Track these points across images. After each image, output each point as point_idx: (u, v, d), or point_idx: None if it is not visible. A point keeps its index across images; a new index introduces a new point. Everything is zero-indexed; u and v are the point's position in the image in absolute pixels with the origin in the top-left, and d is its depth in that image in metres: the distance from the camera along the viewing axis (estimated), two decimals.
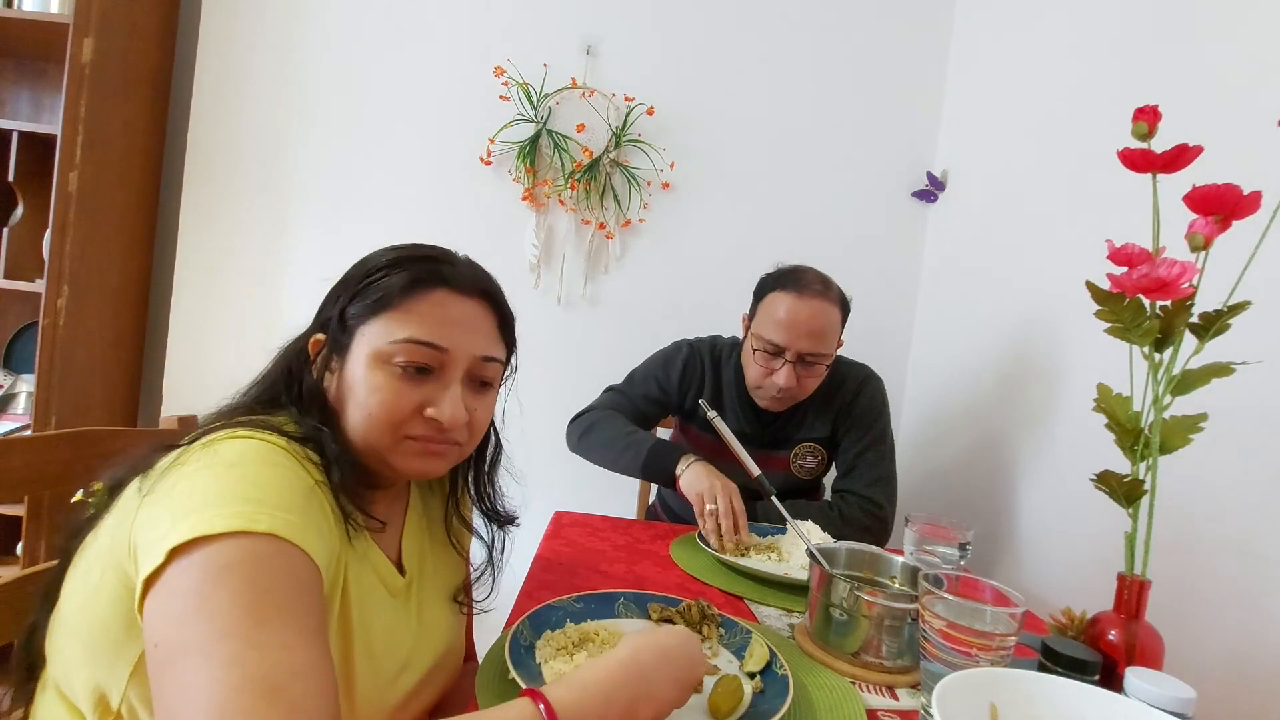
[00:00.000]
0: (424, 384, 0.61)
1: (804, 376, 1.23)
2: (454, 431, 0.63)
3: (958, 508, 1.53)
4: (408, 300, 0.61)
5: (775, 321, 1.22)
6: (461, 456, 0.68)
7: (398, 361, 0.60)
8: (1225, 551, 0.88)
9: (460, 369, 0.63)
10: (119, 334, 1.78)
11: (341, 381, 0.62)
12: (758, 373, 1.25)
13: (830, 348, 1.24)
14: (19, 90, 1.80)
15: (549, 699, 0.47)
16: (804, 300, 1.21)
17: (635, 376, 1.41)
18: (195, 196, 1.83)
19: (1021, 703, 0.54)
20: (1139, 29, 1.16)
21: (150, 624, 0.44)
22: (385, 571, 0.64)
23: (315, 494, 0.53)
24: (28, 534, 1.48)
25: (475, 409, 0.65)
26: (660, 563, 1.06)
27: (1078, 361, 1.21)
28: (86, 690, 0.50)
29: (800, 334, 1.20)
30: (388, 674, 0.62)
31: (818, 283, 1.24)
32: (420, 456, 0.62)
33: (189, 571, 0.43)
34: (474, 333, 0.64)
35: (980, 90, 1.73)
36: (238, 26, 1.82)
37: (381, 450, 0.61)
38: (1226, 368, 0.67)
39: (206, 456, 0.50)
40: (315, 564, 0.48)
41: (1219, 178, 0.66)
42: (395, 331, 0.60)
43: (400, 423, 0.60)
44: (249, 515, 0.45)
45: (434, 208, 1.85)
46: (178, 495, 0.48)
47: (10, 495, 0.73)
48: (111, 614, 0.48)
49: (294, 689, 0.40)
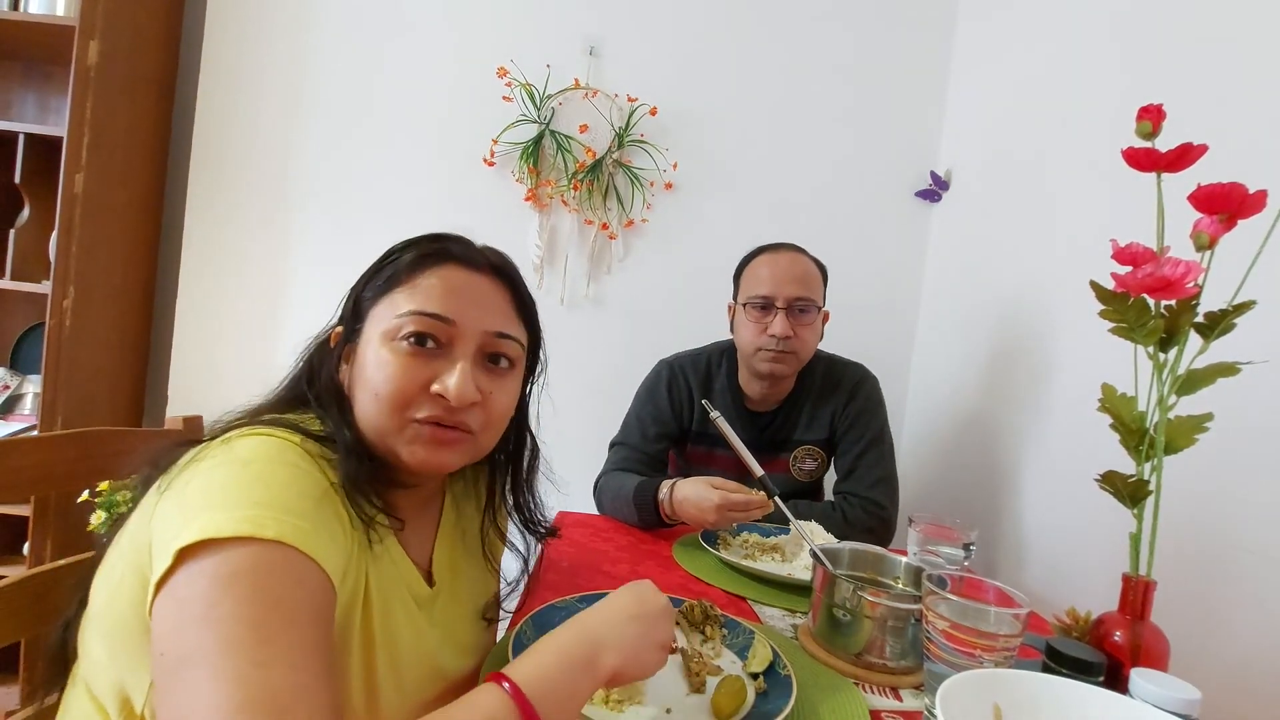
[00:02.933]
0: (433, 361, 0.58)
1: (798, 326, 1.25)
2: (463, 412, 0.59)
3: (962, 508, 1.53)
4: (415, 276, 0.60)
5: (759, 278, 1.27)
6: (478, 450, 0.63)
7: (404, 335, 0.58)
8: (1231, 552, 0.88)
9: (470, 344, 0.60)
10: (124, 335, 1.79)
11: (354, 368, 0.61)
12: (752, 331, 1.27)
13: (817, 295, 1.29)
14: (25, 92, 1.81)
15: (510, 676, 0.48)
16: (782, 253, 1.29)
17: (629, 422, 1.40)
18: (199, 198, 1.84)
19: (1025, 704, 0.54)
20: (1143, 27, 1.16)
21: (157, 629, 0.43)
22: (412, 579, 0.62)
23: (330, 497, 0.51)
24: (34, 534, 1.49)
25: (490, 391, 0.61)
26: (663, 563, 1.06)
27: (1082, 361, 1.21)
28: (112, 691, 0.50)
29: (785, 280, 1.25)
30: (414, 683, 0.60)
31: (791, 245, 1.33)
32: (428, 445, 0.58)
33: (196, 579, 0.43)
34: (484, 307, 0.62)
35: (984, 89, 1.72)
36: (242, 28, 1.82)
37: (389, 436, 0.58)
38: (1232, 367, 0.67)
39: (222, 453, 0.50)
40: (325, 573, 0.47)
41: (1224, 177, 0.66)
42: (401, 306, 0.59)
43: (406, 402, 0.57)
44: (257, 520, 0.44)
45: (437, 208, 1.85)
46: (190, 493, 0.47)
47: (17, 495, 0.73)
48: (133, 614, 0.48)
49: (299, 708, 0.40)
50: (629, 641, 0.53)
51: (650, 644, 0.55)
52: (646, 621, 0.56)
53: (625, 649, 0.53)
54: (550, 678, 0.49)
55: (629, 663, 0.53)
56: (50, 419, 1.57)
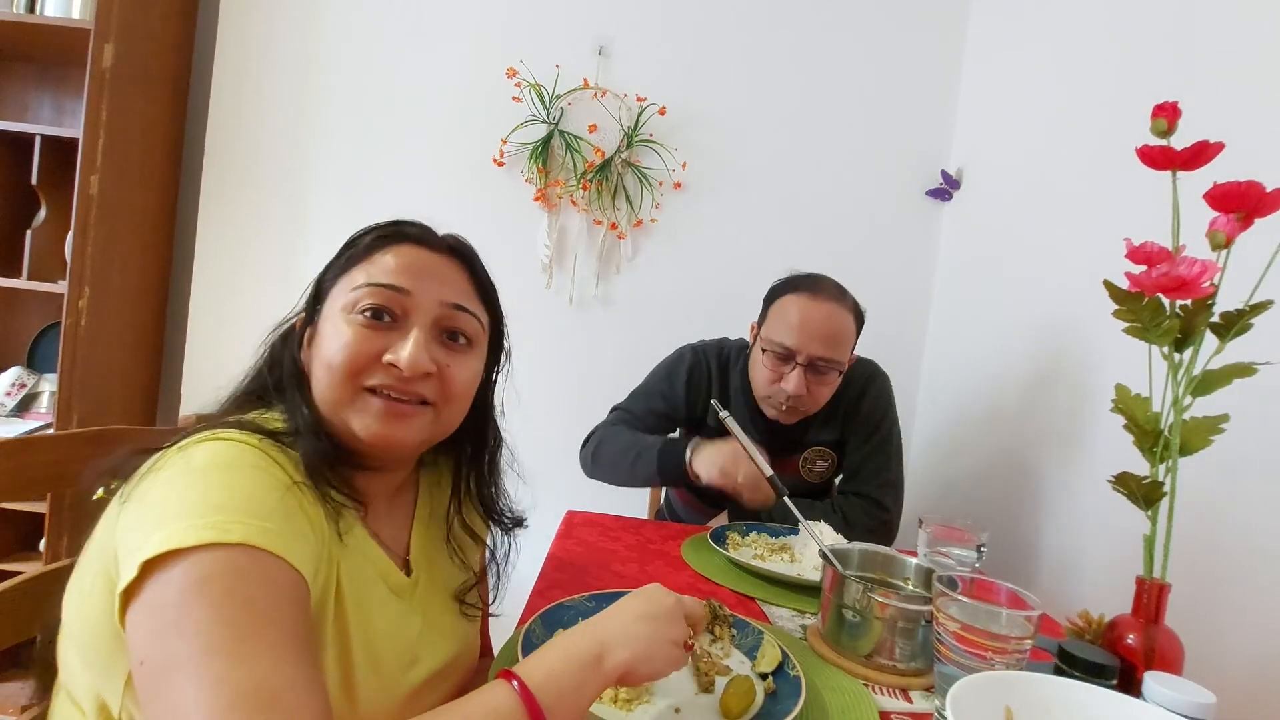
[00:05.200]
0: (388, 333, 0.58)
1: (814, 384, 1.18)
2: (417, 383, 0.58)
3: (973, 509, 1.52)
4: (373, 254, 0.61)
5: (787, 324, 1.17)
6: (438, 426, 0.62)
7: (360, 309, 0.58)
8: (1246, 555, 0.87)
9: (426, 316, 0.60)
10: (139, 334, 1.81)
11: (311, 351, 0.61)
12: (766, 378, 1.21)
13: (843, 356, 1.20)
14: (41, 95, 1.83)
15: (519, 674, 0.49)
16: (818, 302, 1.17)
17: (639, 392, 1.38)
18: (213, 198, 1.86)
19: (1037, 707, 0.54)
20: (1157, 23, 1.14)
21: (133, 640, 0.43)
22: (385, 569, 0.62)
23: (292, 494, 0.51)
24: (50, 531, 1.51)
25: (448, 365, 0.61)
26: (672, 563, 1.06)
27: (1095, 361, 1.20)
28: (89, 698, 0.50)
29: (813, 337, 1.15)
30: (392, 673, 0.60)
31: (833, 288, 1.21)
32: (380, 417, 0.57)
33: (165, 587, 0.42)
34: (441, 281, 0.62)
35: (995, 86, 1.71)
36: (254, 31, 1.84)
37: (341, 408, 0.57)
38: (1248, 368, 0.66)
39: (180, 462, 0.49)
40: (295, 569, 0.47)
41: (1240, 175, 0.65)
42: (357, 280, 0.59)
43: (357, 370, 0.57)
44: (220, 525, 0.44)
45: (447, 208, 1.84)
46: (150, 504, 0.47)
47: (34, 492, 0.74)
48: (103, 622, 0.47)
49: (285, 702, 0.40)
50: (637, 640, 0.54)
51: (660, 641, 0.55)
52: (654, 620, 0.56)
53: (634, 647, 0.53)
54: (557, 675, 0.50)
55: (639, 660, 0.53)
56: (66, 417, 1.59)
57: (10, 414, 1.70)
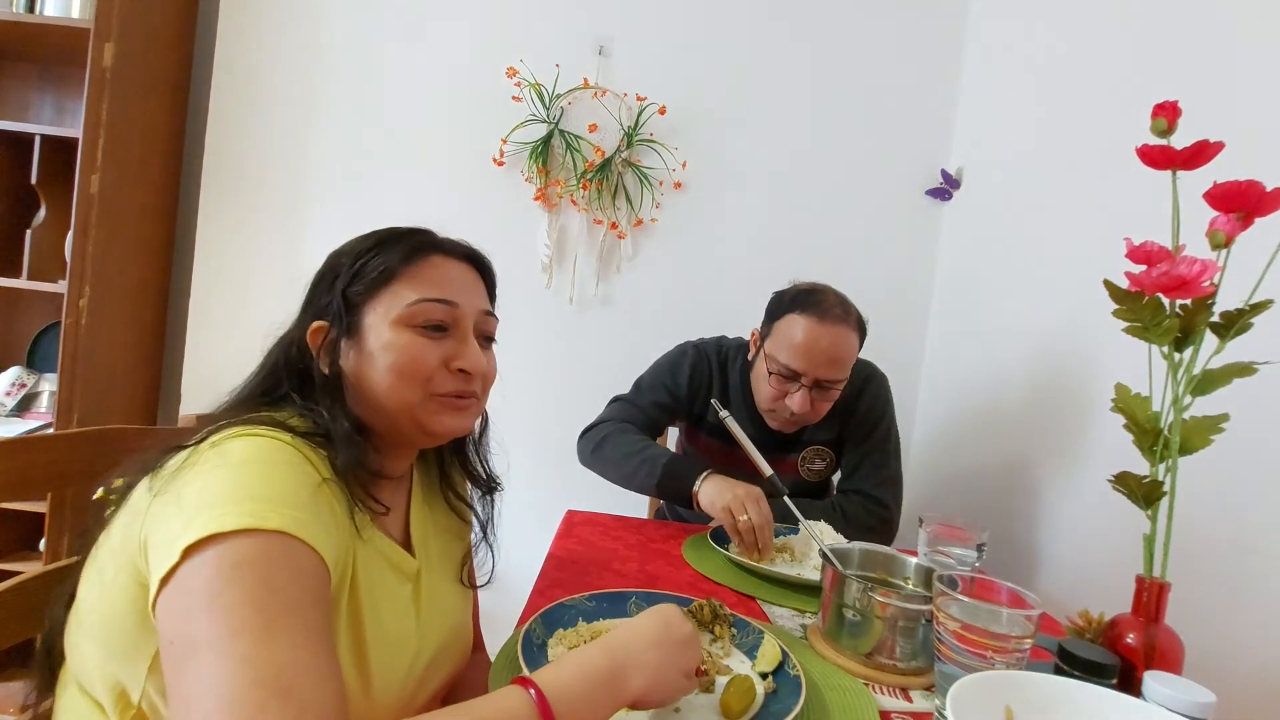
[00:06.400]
0: (443, 341, 0.65)
1: (818, 401, 1.19)
2: (477, 381, 0.66)
3: (973, 508, 1.52)
4: (410, 268, 0.65)
5: (793, 346, 1.17)
6: (480, 411, 0.72)
7: (418, 322, 0.63)
8: (1246, 554, 0.87)
9: (469, 324, 0.67)
10: (139, 334, 1.81)
11: (360, 358, 0.63)
12: (770, 395, 1.21)
13: (848, 373, 1.21)
14: (41, 94, 1.83)
15: (536, 682, 0.50)
16: (825, 326, 1.16)
17: (642, 384, 1.38)
18: (213, 198, 1.86)
19: (1037, 706, 0.54)
20: (1157, 22, 1.14)
21: (164, 621, 0.45)
22: (396, 557, 0.65)
23: (322, 491, 0.54)
24: (50, 530, 1.51)
25: (487, 363, 0.69)
26: (672, 562, 1.06)
27: (1095, 361, 1.20)
28: (106, 686, 0.51)
29: (819, 361, 1.16)
30: (404, 660, 0.62)
31: (838, 306, 1.19)
32: (452, 412, 0.65)
33: (201, 569, 0.44)
34: (472, 291, 0.69)
35: (996, 86, 1.71)
36: (254, 30, 1.84)
37: (413, 408, 0.63)
38: (1248, 367, 0.66)
39: (216, 456, 0.51)
40: (324, 561, 0.49)
41: (1240, 174, 0.65)
42: (408, 296, 0.63)
43: (428, 378, 0.63)
44: (259, 513, 0.46)
45: (446, 208, 1.86)
46: (190, 494, 0.49)
47: (34, 492, 0.74)
48: (126, 611, 0.49)
49: (304, 688, 0.41)
50: (652, 668, 0.55)
51: (674, 670, 0.57)
52: (670, 648, 0.57)
53: (648, 675, 0.55)
54: (573, 690, 0.51)
55: (653, 688, 0.55)
56: (66, 417, 1.59)
57: (10, 414, 1.70)
